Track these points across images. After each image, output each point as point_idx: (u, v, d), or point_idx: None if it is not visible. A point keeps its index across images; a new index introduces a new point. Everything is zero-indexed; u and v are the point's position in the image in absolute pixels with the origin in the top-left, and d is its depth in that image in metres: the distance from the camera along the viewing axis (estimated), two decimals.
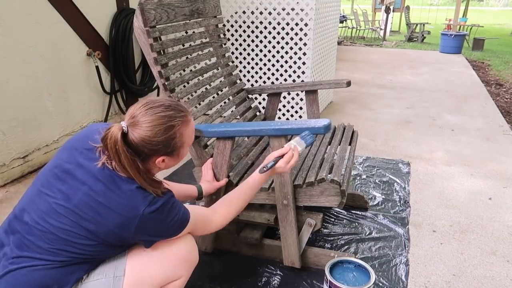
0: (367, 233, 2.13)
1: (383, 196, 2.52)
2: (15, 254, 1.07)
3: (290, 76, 3.79)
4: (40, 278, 1.06)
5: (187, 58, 1.94)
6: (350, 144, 2.09)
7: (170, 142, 1.11)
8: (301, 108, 3.89)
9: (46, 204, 1.08)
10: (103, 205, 1.05)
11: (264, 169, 1.35)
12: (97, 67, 3.31)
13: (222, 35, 2.23)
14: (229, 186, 1.75)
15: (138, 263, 1.16)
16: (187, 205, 1.23)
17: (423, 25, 12.25)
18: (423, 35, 11.88)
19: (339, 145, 1.99)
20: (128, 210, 1.05)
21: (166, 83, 1.68)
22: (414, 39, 12.11)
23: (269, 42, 3.74)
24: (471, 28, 11.82)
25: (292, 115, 3.95)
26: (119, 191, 1.06)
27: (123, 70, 3.58)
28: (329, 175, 1.63)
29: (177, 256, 1.19)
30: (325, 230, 2.16)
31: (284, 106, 3.93)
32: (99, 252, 1.11)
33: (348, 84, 2.16)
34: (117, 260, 1.16)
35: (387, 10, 12.67)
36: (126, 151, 1.05)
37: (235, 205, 1.39)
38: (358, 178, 2.78)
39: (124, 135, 1.06)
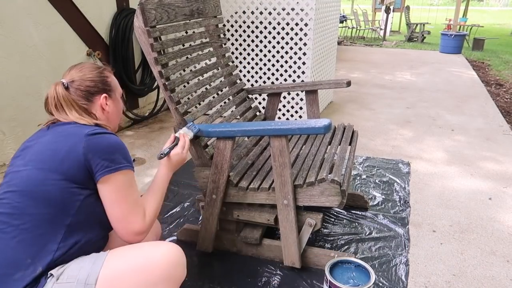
0: (367, 233, 2.13)
1: (383, 196, 2.52)
2: None
3: (290, 76, 3.79)
4: (13, 253, 1.05)
5: (187, 58, 1.94)
6: (350, 144, 2.09)
7: (104, 79, 1.33)
8: (301, 108, 3.89)
9: (8, 175, 1.17)
10: (54, 142, 1.16)
11: (162, 155, 1.44)
12: None
13: (222, 35, 2.23)
14: (230, 185, 1.76)
15: (112, 276, 1.09)
16: None
17: (423, 25, 12.26)
18: (423, 35, 11.89)
19: (339, 145, 1.99)
20: (74, 134, 1.16)
21: (166, 83, 1.68)
22: (414, 39, 12.11)
23: (269, 42, 3.74)
24: (471, 28, 11.82)
25: (292, 115, 3.95)
26: (65, 128, 1.20)
27: (123, 70, 3.58)
28: (330, 175, 1.63)
29: (155, 272, 1.11)
30: (325, 230, 2.16)
31: (284, 106, 3.93)
32: (63, 203, 1.10)
33: (348, 84, 2.16)
34: (93, 265, 1.10)
35: (387, 10, 12.67)
36: (67, 96, 1.25)
37: (154, 204, 1.31)
38: (358, 178, 2.78)
39: (66, 88, 1.27)
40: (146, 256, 1.13)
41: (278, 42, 3.72)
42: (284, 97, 3.90)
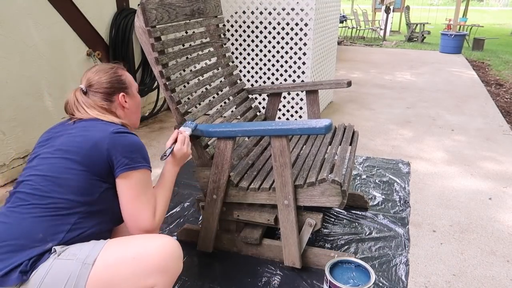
0: (367, 233, 2.13)
1: (383, 196, 2.52)
2: (8, 208, 1.18)
3: (290, 76, 3.79)
4: (28, 226, 1.13)
5: (187, 58, 1.94)
6: (350, 145, 2.09)
7: (120, 78, 1.39)
8: (301, 108, 3.89)
9: (34, 160, 1.24)
10: (80, 135, 1.24)
11: (164, 156, 1.48)
12: None
13: (222, 35, 2.23)
14: (230, 186, 1.76)
15: (110, 260, 1.14)
16: None
17: (423, 25, 12.26)
18: (423, 35, 11.89)
19: (340, 145, 1.99)
20: (100, 131, 1.24)
21: (167, 83, 1.68)
22: (414, 39, 12.11)
23: (269, 42, 3.74)
24: (471, 28, 11.82)
25: (292, 115, 3.96)
26: (91, 123, 1.28)
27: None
28: (330, 176, 1.63)
29: (150, 263, 1.14)
30: (325, 230, 2.16)
31: (284, 106, 3.93)
32: (84, 192, 1.18)
33: (349, 84, 2.16)
34: (93, 248, 1.15)
35: (387, 10, 12.67)
36: (86, 101, 1.32)
37: (164, 203, 1.38)
38: (358, 178, 2.78)
39: (84, 93, 1.34)
40: (144, 246, 1.17)
41: (278, 42, 3.72)
42: (284, 97, 3.90)
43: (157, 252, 1.16)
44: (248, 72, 3.94)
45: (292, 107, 3.92)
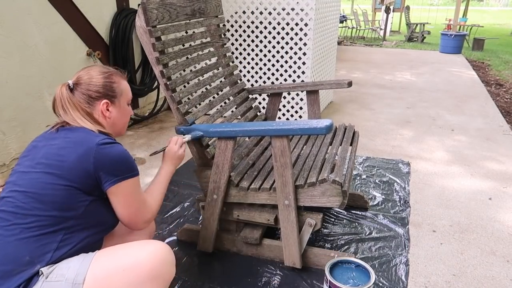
0: (367, 233, 2.13)
1: (383, 196, 2.52)
2: None
3: (290, 76, 3.79)
4: (13, 249, 1.07)
5: (187, 58, 1.94)
6: (351, 145, 2.09)
7: (109, 85, 1.31)
8: (301, 108, 3.89)
9: (15, 175, 1.19)
10: (62, 147, 1.17)
11: (154, 153, 1.60)
12: None
13: (223, 35, 2.23)
14: (231, 186, 1.76)
15: (99, 276, 1.11)
16: None
17: (423, 25, 12.26)
18: (423, 35, 11.89)
19: (340, 145, 2.00)
20: (84, 142, 1.18)
21: (168, 83, 1.68)
22: (414, 39, 12.11)
23: (269, 42, 3.74)
24: (471, 28, 11.82)
25: (292, 115, 3.96)
26: (74, 135, 1.21)
27: (123, 70, 3.57)
28: (331, 176, 1.63)
29: (142, 271, 1.13)
30: (325, 230, 2.16)
31: (284, 106, 3.94)
32: (68, 207, 1.13)
33: (349, 84, 2.16)
34: (81, 265, 1.11)
35: (387, 10, 12.67)
36: (71, 98, 1.25)
37: (158, 198, 1.43)
38: (358, 178, 2.78)
39: (71, 90, 1.27)
40: (134, 255, 1.15)
41: (278, 42, 3.72)
42: (285, 97, 3.90)
43: (149, 260, 1.14)
44: (248, 72, 3.94)
45: (292, 107, 3.92)
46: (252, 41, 3.80)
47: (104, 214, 1.23)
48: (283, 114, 3.98)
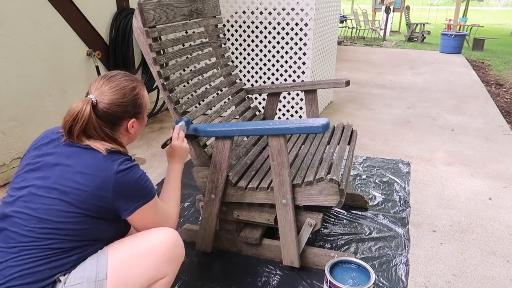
0: (367, 233, 2.13)
1: (383, 196, 2.51)
2: (1, 248, 1.08)
3: (290, 76, 3.79)
4: (31, 265, 1.07)
5: (187, 58, 1.94)
6: (349, 144, 2.09)
7: (137, 102, 1.25)
8: (301, 108, 3.89)
9: (25, 192, 1.12)
10: (79, 172, 1.11)
11: (165, 144, 1.56)
12: (97, 67, 3.31)
13: (221, 35, 2.23)
14: (228, 185, 1.75)
15: (120, 265, 1.15)
16: None
17: (423, 25, 12.25)
18: (423, 35, 11.88)
19: (338, 144, 1.99)
20: (102, 170, 1.12)
21: (165, 83, 1.68)
22: (414, 39, 12.10)
23: (269, 42, 3.74)
24: (471, 28, 11.82)
25: (292, 115, 3.95)
26: (91, 158, 1.14)
27: (123, 70, 3.57)
28: (328, 175, 1.63)
29: (159, 254, 1.20)
30: (325, 230, 2.16)
31: (284, 106, 3.93)
32: (84, 232, 1.12)
33: (347, 83, 2.16)
34: (98, 263, 1.14)
35: (387, 10, 12.67)
36: (95, 120, 1.15)
37: (176, 205, 1.43)
38: (358, 178, 2.78)
39: (94, 106, 1.16)
40: (149, 241, 1.21)
41: (278, 42, 3.72)
42: (284, 97, 3.90)
43: (164, 243, 1.21)
44: (248, 72, 3.94)
45: (292, 107, 3.92)
46: (252, 41, 3.79)
47: (119, 230, 1.25)
48: (283, 114, 3.97)
